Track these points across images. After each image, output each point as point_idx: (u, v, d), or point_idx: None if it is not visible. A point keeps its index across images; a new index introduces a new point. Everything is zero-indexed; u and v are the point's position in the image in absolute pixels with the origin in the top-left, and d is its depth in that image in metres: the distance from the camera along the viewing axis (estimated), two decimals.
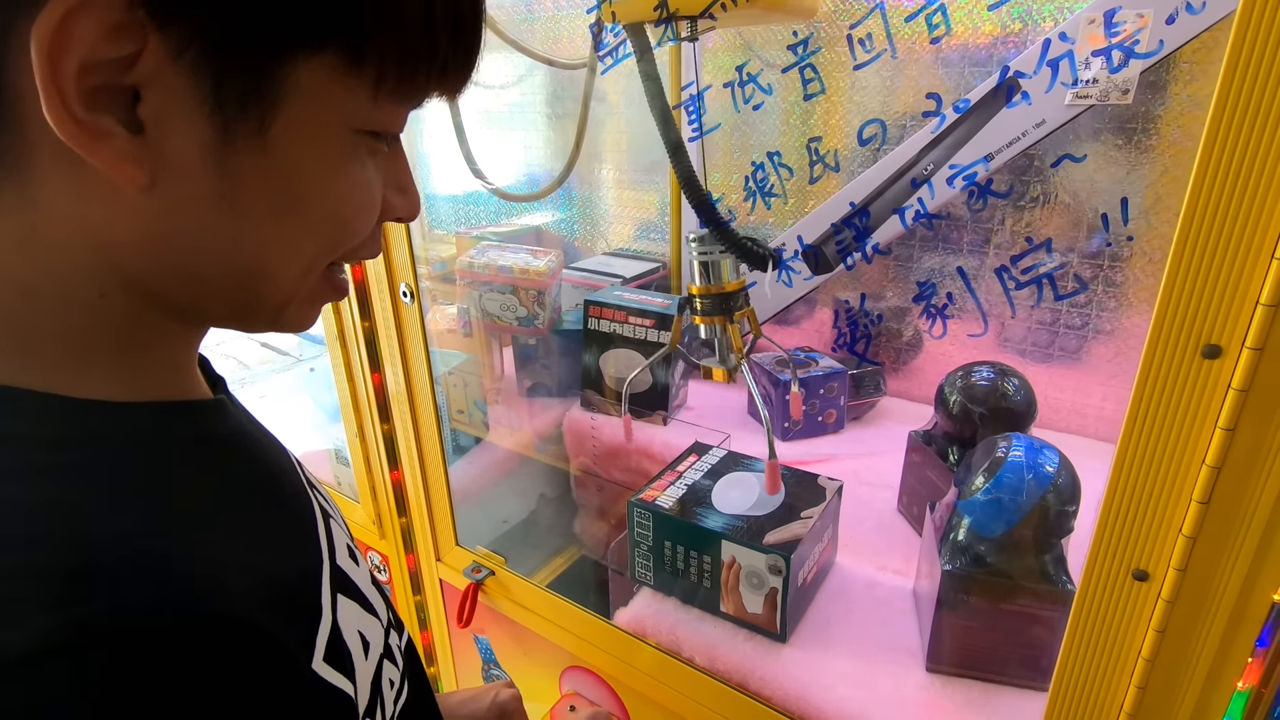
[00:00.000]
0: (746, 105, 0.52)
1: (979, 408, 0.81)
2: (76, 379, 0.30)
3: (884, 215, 0.78)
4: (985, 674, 0.68)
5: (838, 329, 0.51)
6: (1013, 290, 0.41)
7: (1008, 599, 0.65)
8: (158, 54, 0.25)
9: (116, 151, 0.26)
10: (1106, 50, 0.44)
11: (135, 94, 0.26)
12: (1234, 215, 0.37)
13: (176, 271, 0.30)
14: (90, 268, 0.29)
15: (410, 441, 0.93)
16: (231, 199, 0.29)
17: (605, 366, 1.18)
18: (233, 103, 0.27)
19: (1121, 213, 0.79)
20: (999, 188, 1.03)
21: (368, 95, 0.30)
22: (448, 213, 1.59)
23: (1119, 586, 0.47)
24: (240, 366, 1.67)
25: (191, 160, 0.27)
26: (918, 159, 0.91)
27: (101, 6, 0.24)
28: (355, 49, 0.29)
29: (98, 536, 0.26)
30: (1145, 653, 0.46)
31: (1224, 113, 0.36)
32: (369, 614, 0.39)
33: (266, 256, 0.31)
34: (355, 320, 0.90)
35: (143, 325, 0.32)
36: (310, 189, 0.31)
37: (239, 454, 0.36)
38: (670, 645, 0.77)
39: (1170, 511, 0.43)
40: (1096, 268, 1.02)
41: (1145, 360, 0.41)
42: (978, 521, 0.66)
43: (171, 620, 0.26)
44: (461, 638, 1.05)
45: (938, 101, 0.52)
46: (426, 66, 0.31)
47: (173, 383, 0.34)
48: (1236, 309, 0.38)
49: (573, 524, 1.31)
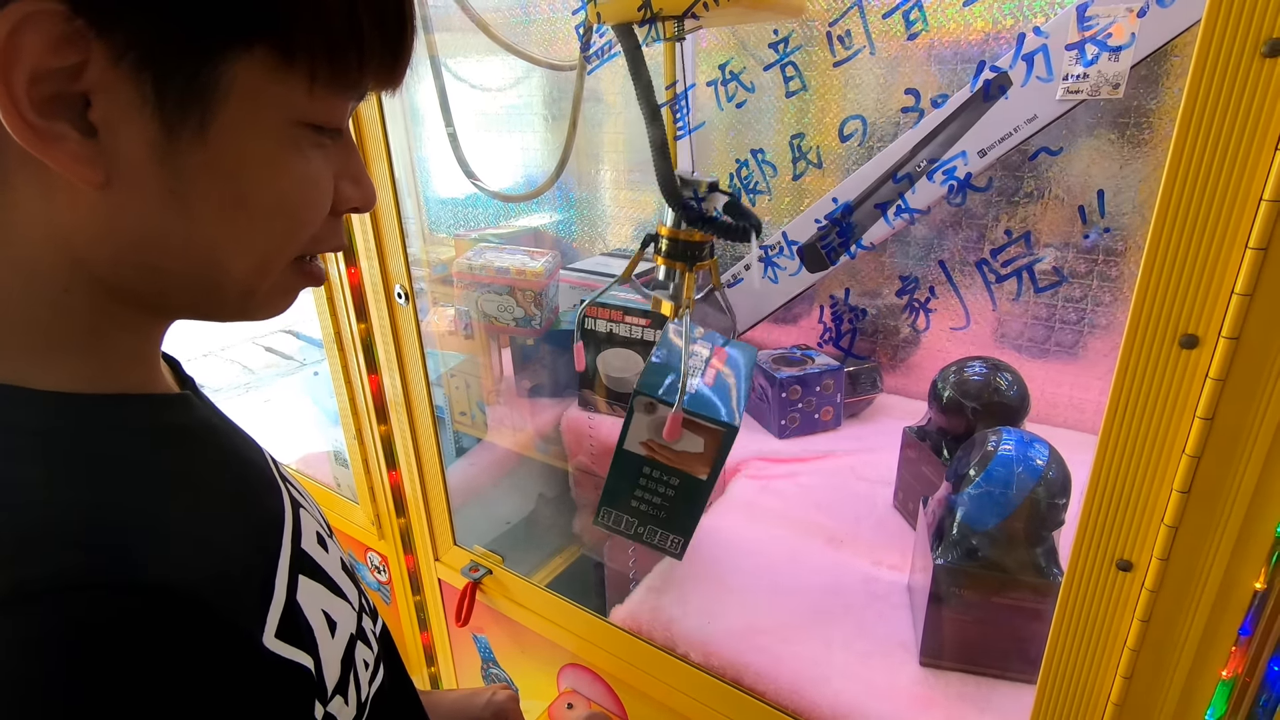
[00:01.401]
0: (743, 101, 0.52)
1: (972, 403, 0.81)
2: (41, 371, 0.31)
3: (873, 213, 0.78)
4: (979, 667, 0.69)
5: (823, 324, 0.52)
6: (993, 283, 0.42)
7: (1000, 592, 0.65)
8: (100, 62, 0.27)
9: (71, 154, 0.28)
10: (1080, 44, 0.44)
11: (86, 100, 0.28)
12: (1207, 207, 0.37)
13: (135, 265, 0.32)
14: (54, 264, 0.31)
15: (408, 443, 0.93)
16: (180, 195, 0.30)
17: (602, 366, 1.19)
18: (172, 103, 0.29)
19: (1098, 205, 0.79)
20: (993, 184, 1.03)
21: (303, 89, 0.31)
22: (447, 215, 1.59)
23: (1104, 577, 0.47)
24: (245, 371, 1.68)
25: (140, 159, 0.29)
26: (910, 156, 0.91)
27: (45, 20, 0.26)
28: (284, 45, 0.30)
29: (46, 508, 0.28)
30: (1130, 642, 0.46)
31: (1195, 106, 0.36)
32: (336, 596, 0.40)
33: (219, 250, 0.33)
34: (352, 323, 0.90)
35: (105, 319, 0.33)
36: (254, 184, 0.32)
37: (197, 443, 0.37)
38: (665, 641, 0.77)
39: (1152, 501, 0.43)
40: (1091, 262, 1.02)
41: (1124, 351, 0.42)
42: (969, 515, 0.66)
43: (107, 587, 0.27)
44: (461, 637, 1.06)
45: (916, 98, 0.52)
46: (356, 57, 0.32)
47: (136, 376, 0.36)
48: (1212, 299, 0.38)
49: (572, 523, 1.32)
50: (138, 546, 0.29)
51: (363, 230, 0.84)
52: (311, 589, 0.37)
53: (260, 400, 1.58)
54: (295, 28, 0.30)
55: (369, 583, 1.20)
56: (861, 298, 1.17)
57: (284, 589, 0.34)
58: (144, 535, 0.29)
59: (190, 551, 0.30)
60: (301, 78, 0.31)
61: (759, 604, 0.80)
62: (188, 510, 0.33)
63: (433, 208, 1.59)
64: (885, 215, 0.54)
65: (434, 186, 1.59)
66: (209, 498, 0.35)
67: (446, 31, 1.41)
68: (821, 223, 0.59)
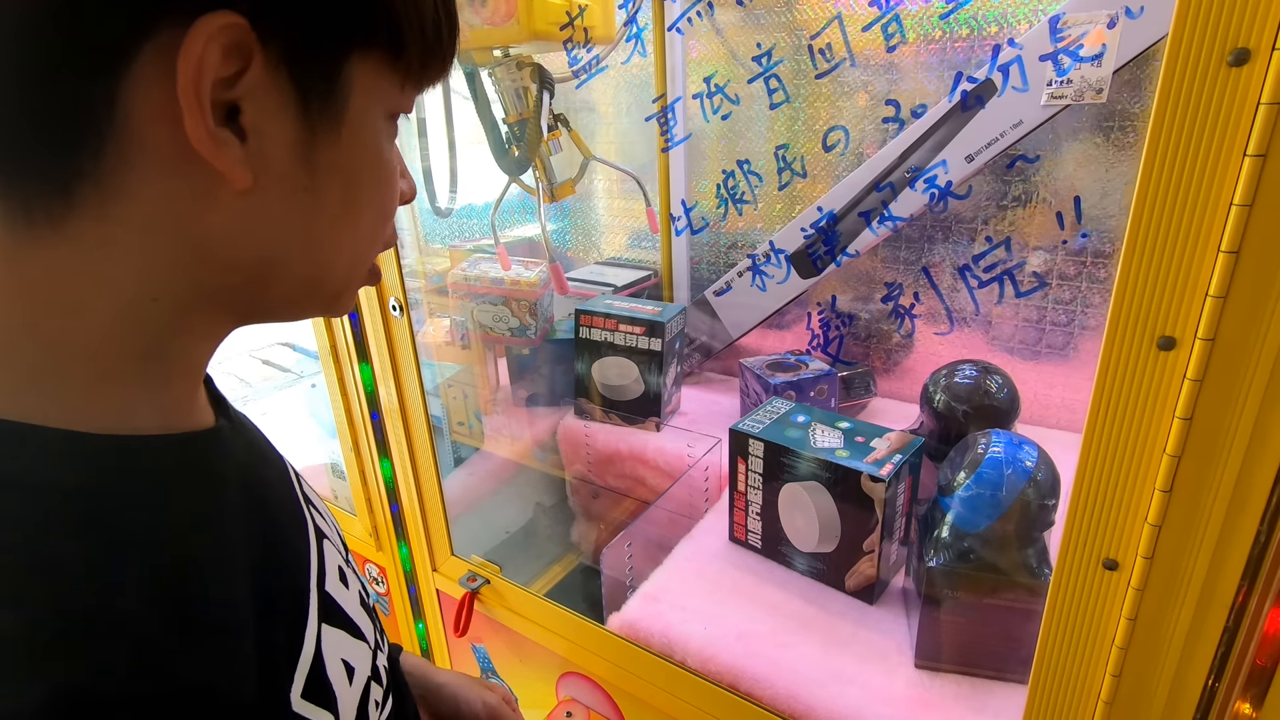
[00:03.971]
0: (728, 114, 0.53)
1: (963, 406, 0.82)
2: (92, 402, 0.30)
3: (859, 221, 0.79)
4: (974, 669, 0.69)
5: (810, 330, 0.52)
6: (976, 288, 0.42)
7: (992, 593, 0.66)
8: (257, 69, 0.29)
9: (235, 159, 0.29)
10: (1053, 55, 0.45)
11: (235, 106, 0.29)
12: (1180, 212, 0.38)
13: (253, 264, 0.33)
14: (157, 271, 0.31)
15: (404, 453, 0.94)
16: (312, 192, 0.32)
17: (598, 375, 1.19)
18: (316, 103, 0.31)
19: (1075, 212, 0.80)
20: (982, 188, 1.04)
21: (398, 85, 0.34)
22: (444, 226, 1.60)
23: (1091, 576, 0.47)
24: (242, 384, 1.68)
25: (282, 159, 0.31)
26: (896, 164, 0.92)
27: (229, 31, 0.27)
28: (395, 45, 0.33)
29: (84, 599, 0.26)
30: (1119, 641, 0.47)
31: (1166, 114, 0.37)
32: (356, 639, 0.39)
33: (334, 243, 0.35)
34: (348, 335, 0.91)
35: (180, 329, 0.33)
36: (367, 173, 0.34)
37: (231, 492, 0.35)
38: (663, 648, 0.78)
39: (1136, 501, 0.44)
40: (1080, 264, 1.03)
41: (1104, 353, 0.43)
42: (960, 518, 0.67)
43: (142, 689, 0.26)
44: (460, 647, 1.06)
45: (896, 108, 0.53)
46: (439, 56, 0.35)
47: (182, 400, 0.35)
48: (1188, 302, 0.39)
49: (570, 531, 1.32)
50: (174, 644, 0.27)
51: None
52: (334, 638, 0.36)
53: (258, 413, 1.57)
54: (404, 29, 0.32)
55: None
56: (855, 303, 1.18)
57: (313, 642, 0.34)
58: (182, 628, 0.28)
59: (228, 640, 0.30)
60: (399, 74, 0.34)
61: (755, 609, 0.80)
62: (225, 581, 0.31)
63: (429, 219, 1.59)
64: (870, 224, 0.55)
65: (427, 197, 1.59)
66: (244, 560, 0.33)
67: None
68: (808, 231, 0.59)
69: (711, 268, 1.33)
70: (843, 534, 0.79)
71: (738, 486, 0.87)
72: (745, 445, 0.84)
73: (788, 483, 0.82)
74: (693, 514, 1.01)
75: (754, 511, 0.87)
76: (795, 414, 0.87)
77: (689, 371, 1.31)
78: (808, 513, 0.81)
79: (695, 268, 1.36)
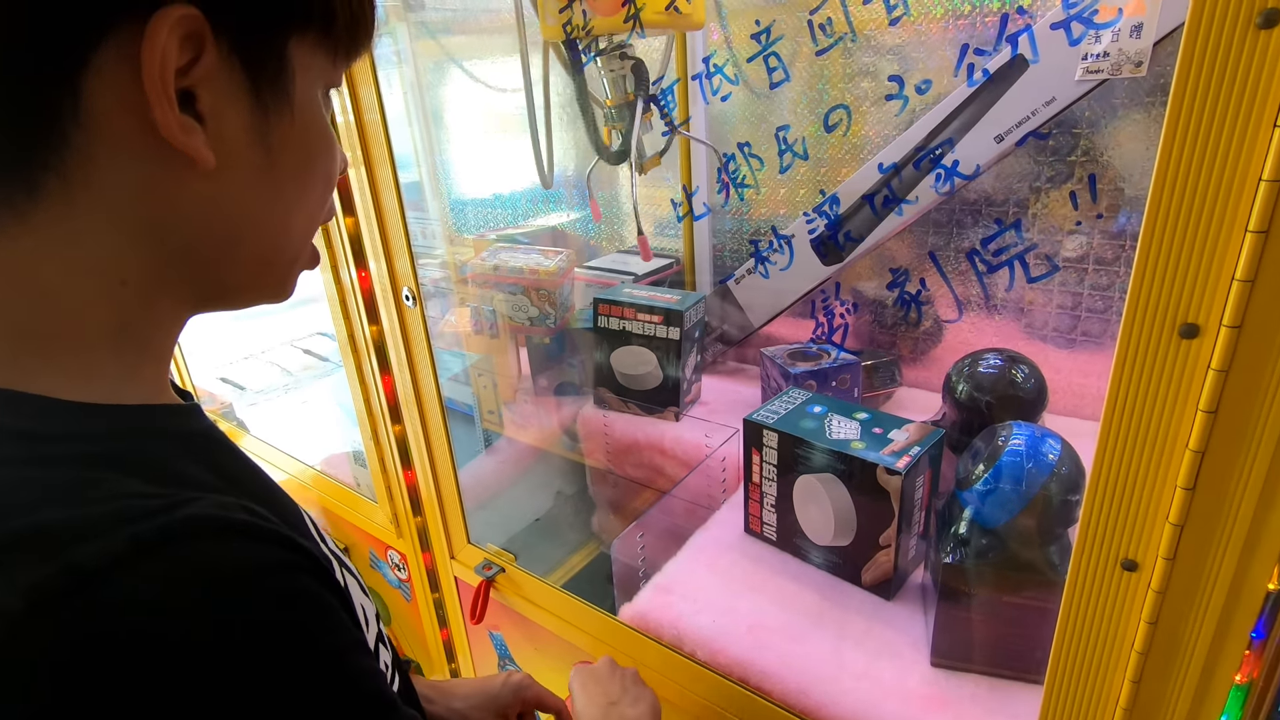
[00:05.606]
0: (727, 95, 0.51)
1: (986, 396, 0.79)
2: (73, 381, 0.32)
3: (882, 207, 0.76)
4: (992, 668, 0.67)
5: (815, 318, 0.50)
6: (984, 274, 0.40)
7: (1011, 591, 0.63)
8: (210, 56, 0.30)
9: (201, 143, 0.31)
10: (1064, 23, 0.42)
11: (191, 93, 0.30)
12: (1204, 189, 0.35)
13: (218, 239, 0.34)
14: (123, 256, 0.32)
15: (420, 442, 0.95)
16: (268, 169, 0.34)
17: (616, 364, 1.18)
18: (265, 84, 0.32)
19: (1090, 191, 0.76)
20: (1012, 168, 1.00)
21: (330, 60, 0.36)
22: (472, 216, 1.61)
23: (1108, 577, 0.45)
24: (284, 373, 1.72)
25: (239, 140, 0.32)
26: (924, 143, 0.89)
27: (185, 23, 0.28)
28: (328, 21, 0.34)
29: (132, 490, 0.29)
30: (1138, 645, 0.44)
31: (1188, 83, 0.34)
32: (365, 595, 0.41)
33: (292, 214, 0.36)
34: (364, 325, 0.92)
35: (149, 312, 0.34)
36: (316, 145, 0.36)
37: (222, 449, 0.38)
38: (673, 639, 0.77)
39: (1156, 499, 0.42)
40: (1119, 248, 0.98)
41: (1122, 342, 0.40)
42: (978, 512, 0.64)
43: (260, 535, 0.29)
44: (478, 634, 1.07)
45: (900, 84, 0.51)
46: (362, 27, 0.37)
47: (156, 381, 0.36)
48: (1212, 286, 0.36)
49: (590, 521, 1.32)
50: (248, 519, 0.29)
51: (370, 233, 0.85)
52: (350, 582, 0.38)
53: (298, 401, 1.61)
54: (334, 7, 0.34)
55: (390, 581, 1.22)
56: (883, 290, 1.14)
57: (338, 572, 0.35)
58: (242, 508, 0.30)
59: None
60: (330, 49, 0.35)
61: (767, 601, 0.79)
62: (277, 503, 0.35)
63: (458, 209, 1.60)
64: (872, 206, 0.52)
65: (460, 188, 1.61)
66: (252, 496, 0.35)
67: (463, 35, 1.43)
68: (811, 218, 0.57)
69: (734, 255, 1.31)
70: (859, 527, 0.77)
71: (752, 478, 0.86)
72: (759, 436, 0.83)
73: (802, 474, 0.80)
74: (709, 504, 1.00)
75: (769, 503, 0.85)
76: (812, 404, 0.85)
77: (710, 361, 1.29)
78: (822, 505, 0.79)
79: (718, 255, 1.34)
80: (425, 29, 1.34)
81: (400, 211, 0.81)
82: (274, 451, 1.35)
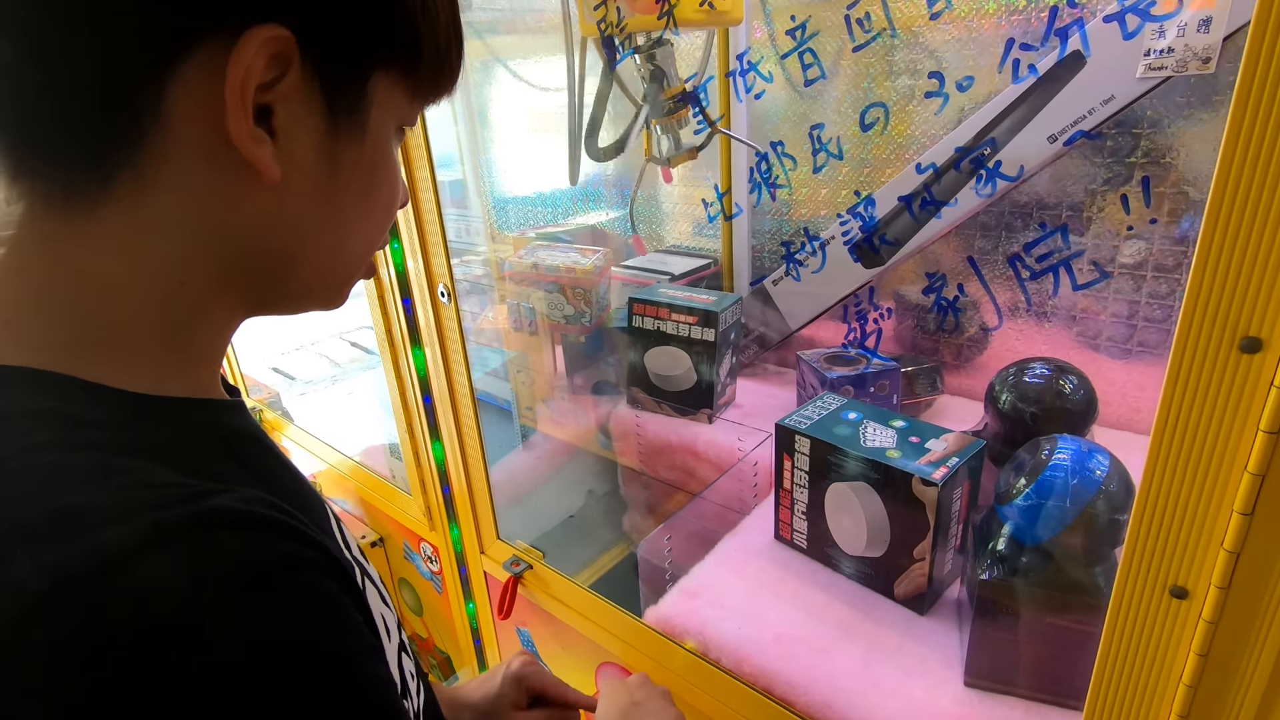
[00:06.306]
0: (761, 92, 0.50)
1: (1031, 407, 0.76)
2: (121, 371, 0.32)
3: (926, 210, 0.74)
4: (1030, 692, 0.64)
5: (847, 323, 0.49)
6: (1026, 280, 0.38)
7: (1053, 612, 0.61)
8: (293, 76, 0.31)
9: (269, 156, 0.32)
10: (1119, 15, 0.40)
11: (269, 108, 0.31)
12: (1270, 190, 0.33)
13: (277, 250, 0.35)
14: (184, 257, 0.33)
15: (453, 437, 0.96)
16: (333, 189, 0.35)
17: (649, 364, 1.18)
18: (341, 111, 0.34)
19: (1144, 193, 0.72)
20: (1068, 170, 0.96)
21: (408, 99, 0.37)
22: (514, 214, 1.63)
23: (1155, 604, 0.42)
24: (332, 365, 1.77)
25: (308, 159, 0.33)
26: (972, 144, 0.86)
27: (275, 40, 0.30)
28: (411, 64, 0.36)
29: (165, 480, 0.29)
30: (1186, 679, 0.42)
31: (1255, 74, 0.32)
32: (385, 605, 0.41)
33: (350, 234, 0.37)
34: (401, 320, 0.93)
35: (203, 314, 0.35)
36: (380, 177, 0.37)
37: (262, 448, 0.39)
38: (698, 645, 0.76)
39: (1210, 523, 0.39)
40: (1181, 254, 0.93)
41: (1175, 355, 0.37)
42: (1018, 528, 0.62)
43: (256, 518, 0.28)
44: (506, 629, 1.08)
45: (940, 81, 0.49)
46: (446, 74, 0.38)
47: (205, 378, 0.37)
48: (1278, 296, 0.34)
49: (622, 521, 1.32)
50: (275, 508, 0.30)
51: (408, 231, 0.86)
52: (370, 590, 0.38)
53: (345, 393, 1.65)
54: (423, 48, 0.35)
55: (422, 572, 1.24)
56: (924, 295, 1.11)
57: (361, 582, 0.35)
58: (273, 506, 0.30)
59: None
60: (409, 89, 0.36)
61: (796, 610, 0.77)
62: (304, 502, 0.35)
63: (500, 207, 1.62)
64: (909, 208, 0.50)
65: (505, 186, 1.62)
66: (282, 495, 0.35)
67: (510, 35, 1.44)
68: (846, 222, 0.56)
69: (773, 257, 1.28)
70: (892, 538, 0.75)
71: (783, 484, 0.84)
72: (791, 441, 0.81)
73: (835, 482, 0.78)
74: (740, 509, 0.99)
75: (800, 510, 0.83)
76: (847, 410, 0.83)
77: (746, 363, 1.28)
78: (855, 515, 0.77)
79: (756, 257, 1.32)
80: (472, 29, 1.36)
81: (437, 209, 0.82)
82: (316, 442, 1.39)
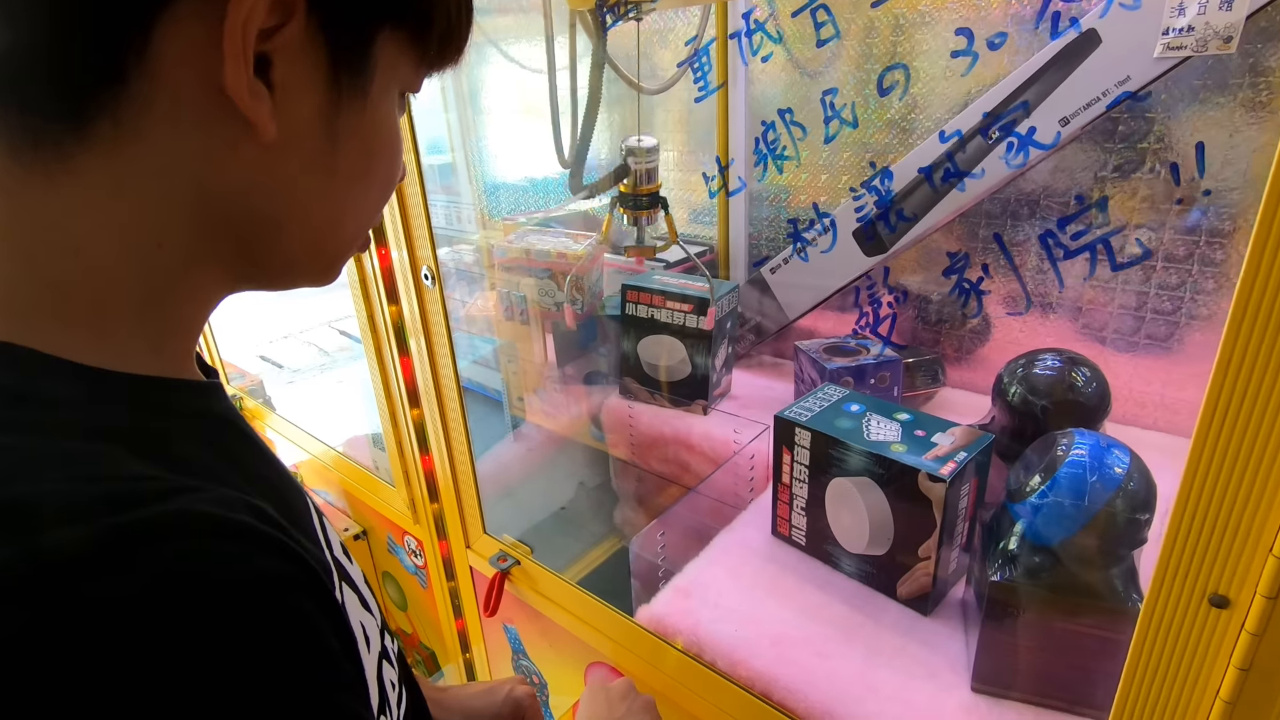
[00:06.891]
0: (768, 55, 0.46)
1: (1042, 400, 0.73)
2: (87, 343, 0.29)
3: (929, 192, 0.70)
4: (1039, 698, 0.61)
5: (859, 308, 0.45)
6: (1060, 259, 0.35)
7: (1066, 616, 0.58)
8: (296, 26, 0.28)
9: (266, 111, 0.29)
10: None
11: (268, 59, 0.29)
12: None
13: (265, 217, 0.32)
14: (164, 218, 0.30)
15: (438, 427, 0.92)
16: (330, 155, 0.32)
17: (642, 353, 1.14)
18: (345, 72, 0.31)
19: (1197, 162, 0.68)
20: (1079, 154, 0.92)
21: (414, 65, 0.35)
22: (505, 200, 1.58)
23: (1192, 613, 0.39)
24: (321, 354, 1.73)
25: (306, 120, 0.31)
26: (981, 125, 0.82)
27: None
28: (420, 27, 0.33)
29: (131, 472, 0.26)
30: (1225, 694, 0.39)
31: None
32: (365, 610, 0.37)
33: (344, 208, 0.35)
34: (384, 306, 0.89)
35: (182, 281, 0.32)
36: (380, 146, 0.34)
37: (238, 435, 0.35)
38: (691, 645, 0.73)
39: (1257, 527, 0.36)
40: (1193, 244, 0.90)
41: (1225, 346, 0.34)
42: (1031, 528, 0.59)
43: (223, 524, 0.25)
44: (493, 626, 1.04)
45: (969, 38, 0.45)
46: (455, 40, 0.36)
47: (180, 356, 0.34)
48: None
49: (613, 514, 1.29)
50: (245, 510, 0.26)
51: (390, 212, 0.82)
52: (350, 598, 0.35)
53: (333, 382, 1.62)
54: (433, 11, 0.33)
55: (406, 566, 1.20)
56: (925, 284, 1.08)
57: (337, 590, 0.32)
58: (242, 506, 0.27)
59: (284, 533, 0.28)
60: (417, 55, 0.34)
61: (794, 611, 0.74)
62: (277, 497, 0.32)
63: (492, 193, 1.58)
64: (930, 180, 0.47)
65: (494, 171, 1.58)
66: (261, 490, 0.33)
67: (502, 15, 1.39)
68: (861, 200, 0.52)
69: (770, 244, 1.25)
70: (896, 536, 0.72)
71: (782, 478, 0.81)
72: (791, 434, 0.78)
73: (836, 477, 0.75)
74: (735, 504, 0.96)
75: (799, 506, 0.80)
76: (849, 402, 0.80)
77: (742, 353, 1.24)
78: (857, 511, 0.74)
79: (754, 244, 1.28)
80: None
81: (421, 190, 0.78)
82: (298, 431, 1.34)
